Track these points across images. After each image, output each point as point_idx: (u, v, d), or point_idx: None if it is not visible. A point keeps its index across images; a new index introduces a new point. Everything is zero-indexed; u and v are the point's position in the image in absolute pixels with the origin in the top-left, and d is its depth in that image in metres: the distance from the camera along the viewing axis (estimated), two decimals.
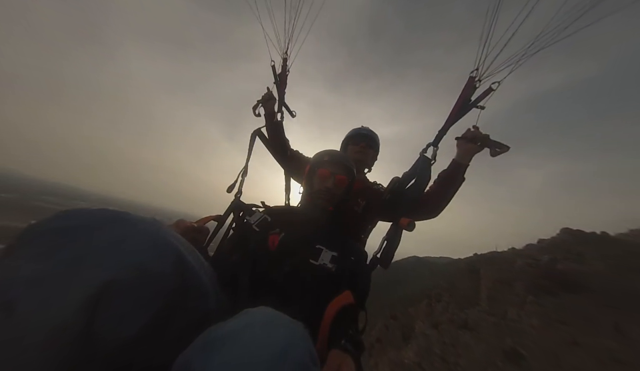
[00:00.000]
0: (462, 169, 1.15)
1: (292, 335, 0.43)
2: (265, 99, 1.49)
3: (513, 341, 3.79)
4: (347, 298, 0.82)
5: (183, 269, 0.50)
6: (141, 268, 0.43)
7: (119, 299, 0.40)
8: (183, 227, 0.84)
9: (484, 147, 1.08)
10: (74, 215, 0.45)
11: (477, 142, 1.08)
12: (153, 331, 0.44)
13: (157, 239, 0.48)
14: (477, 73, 1.09)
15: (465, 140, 1.12)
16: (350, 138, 1.62)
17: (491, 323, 4.52)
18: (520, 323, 4.29)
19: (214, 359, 0.37)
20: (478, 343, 4.08)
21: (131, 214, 0.50)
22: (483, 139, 1.07)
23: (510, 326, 4.29)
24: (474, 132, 1.11)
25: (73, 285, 0.38)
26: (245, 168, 1.39)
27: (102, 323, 0.38)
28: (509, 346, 3.71)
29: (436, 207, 1.27)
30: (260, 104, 1.50)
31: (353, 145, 1.58)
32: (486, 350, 3.83)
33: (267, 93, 1.50)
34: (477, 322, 4.65)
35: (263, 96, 1.49)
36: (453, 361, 3.93)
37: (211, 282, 0.60)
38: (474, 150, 1.10)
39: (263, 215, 1.07)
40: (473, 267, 8.12)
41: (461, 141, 1.13)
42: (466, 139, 1.11)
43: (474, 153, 1.12)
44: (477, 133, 1.10)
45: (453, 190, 1.19)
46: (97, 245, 0.42)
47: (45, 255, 0.40)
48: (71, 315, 0.36)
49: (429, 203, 1.28)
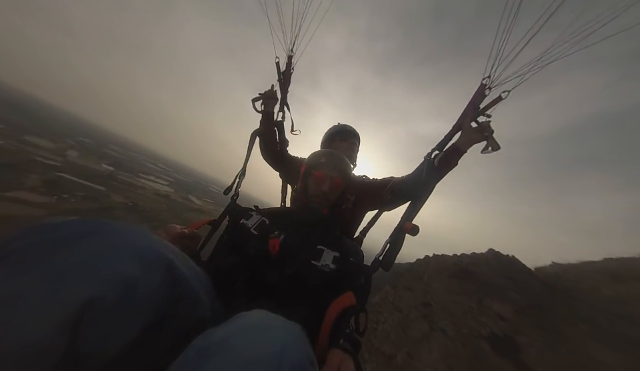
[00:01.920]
0: (460, 155, 1.15)
1: (288, 337, 0.43)
2: (267, 95, 1.44)
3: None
4: (349, 299, 0.82)
5: (174, 278, 0.48)
6: (126, 282, 0.41)
7: (103, 317, 0.38)
8: (173, 234, 0.83)
9: (485, 140, 1.10)
10: (51, 228, 0.42)
11: (484, 133, 1.09)
12: (143, 344, 0.42)
13: (143, 250, 0.46)
14: (489, 80, 1.09)
15: (473, 128, 1.13)
16: (336, 133, 1.63)
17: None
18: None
19: (209, 365, 0.37)
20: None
21: (115, 224, 0.47)
22: (490, 133, 1.09)
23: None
24: (487, 124, 1.11)
25: (52, 305, 0.35)
26: (242, 169, 1.35)
27: (86, 343, 0.36)
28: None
29: (429, 189, 1.27)
30: (262, 100, 1.45)
31: (342, 141, 1.60)
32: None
33: (270, 90, 1.45)
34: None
35: (266, 92, 1.44)
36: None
37: (205, 289, 0.59)
38: (477, 140, 1.11)
39: (260, 218, 1.06)
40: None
41: (470, 127, 1.13)
42: (475, 128, 1.12)
43: (474, 143, 1.12)
44: (488, 126, 1.10)
45: (445, 173, 1.21)
46: (78, 260, 0.39)
47: (21, 272, 0.37)
48: (50, 338, 0.34)
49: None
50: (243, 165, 1.36)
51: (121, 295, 0.40)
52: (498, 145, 1.08)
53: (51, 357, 0.34)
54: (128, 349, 0.40)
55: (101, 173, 54.03)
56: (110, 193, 43.96)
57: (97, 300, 0.37)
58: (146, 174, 78.11)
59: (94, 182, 44.60)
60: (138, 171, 76.62)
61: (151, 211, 43.63)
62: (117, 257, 0.42)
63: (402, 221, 1.11)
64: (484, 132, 1.09)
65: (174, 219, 42.51)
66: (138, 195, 50.52)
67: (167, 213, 46.28)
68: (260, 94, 1.45)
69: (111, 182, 50.69)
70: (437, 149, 1.21)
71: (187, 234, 0.87)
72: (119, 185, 51.15)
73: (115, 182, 51.86)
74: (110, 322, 0.39)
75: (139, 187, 57.39)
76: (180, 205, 58.75)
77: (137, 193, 51.99)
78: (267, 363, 0.37)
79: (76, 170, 46.53)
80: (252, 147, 1.42)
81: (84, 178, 44.15)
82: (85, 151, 69.01)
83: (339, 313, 0.79)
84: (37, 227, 0.42)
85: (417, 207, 1.13)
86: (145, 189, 58.41)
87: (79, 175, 44.09)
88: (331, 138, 1.64)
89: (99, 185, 44.87)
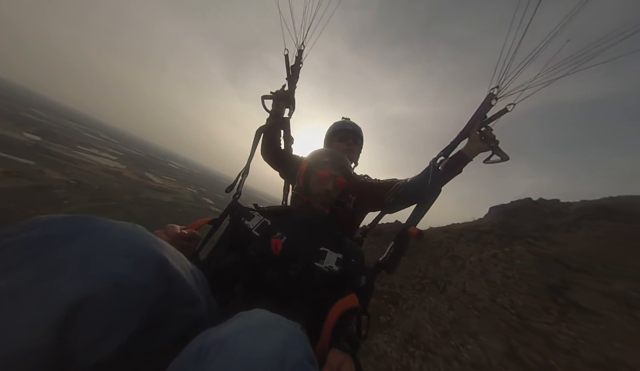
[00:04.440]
0: (466, 162, 1.17)
1: (289, 337, 0.43)
2: (279, 96, 1.42)
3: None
4: (352, 301, 0.82)
5: (168, 277, 0.47)
6: (117, 281, 0.39)
7: (93, 318, 0.37)
8: (172, 235, 0.82)
9: (491, 149, 1.11)
10: (39, 225, 0.41)
11: (490, 144, 1.11)
12: (137, 344, 0.41)
13: (135, 248, 0.45)
14: (497, 90, 1.09)
15: (480, 137, 1.14)
16: (335, 133, 1.62)
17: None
18: None
19: (209, 365, 0.37)
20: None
21: (106, 221, 0.46)
22: (496, 143, 1.11)
23: None
24: (491, 134, 1.13)
25: (38, 306, 0.34)
26: (246, 167, 1.28)
27: (76, 344, 0.35)
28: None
29: (434, 194, 1.28)
30: (273, 100, 1.43)
31: (340, 142, 1.59)
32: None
33: (281, 90, 1.44)
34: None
35: (278, 92, 1.42)
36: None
37: (202, 287, 0.59)
38: (483, 149, 1.13)
39: (262, 219, 1.04)
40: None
41: (477, 136, 1.15)
42: (481, 138, 1.13)
43: (480, 152, 1.15)
44: (493, 137, 1.12)
45: (449, 178, 1.22)
46: (67, 259, 0.38)
47: (8, 271, 0.36)
48: (36, 340, 0.33)
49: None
50: (247, 163, 1.29)
51: (112, 294, 0.39)
52: (506, 156, 1.08)
53: (40, 359, 0.33)
54: (121, 349, 0.39)
55: (24, 143, 43.81)
56: (42, 168, 36.01)
57: (87, 299, 0.37)
58: (86, 146, 66.27)
59: (16, 155, 36.01)
60: (75, 142, 64.47)
61: (101, 190, 37.33)
62: (109, 255, 0.41)
63: (406, 226, 1.11)
64: (490, 142, 1.12)
65: (130, 199, 37.69)
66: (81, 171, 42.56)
67: (122, 192, 40.15)
68: (272, 92, 1.43)
69: (41, 155, 41.57)
70: (443, 154, 1.23)
71: (186, 235, 0.86)
72: (53, 158, 42.26)
73: (46, 155, 42.70)
74: (101, 322, 0.38)
75: (79, 161, 48.38)
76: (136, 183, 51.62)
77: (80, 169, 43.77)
78: (269, 363, 0.37)
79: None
80: (257, 144, 1.38)
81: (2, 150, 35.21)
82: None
83: (341, 315, 0.77)
84: (25, 224, 0.42)
85: (422, 212, 1.14)
86: (89, 164, 49.55)
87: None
88: (330, 139, 1.64)
89: (25, 158, 36.40)
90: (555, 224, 5.27)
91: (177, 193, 57.23)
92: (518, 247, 4.65)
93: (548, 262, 4.23)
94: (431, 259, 5.21)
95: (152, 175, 68.85)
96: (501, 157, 1.08)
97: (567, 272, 3.95)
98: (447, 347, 3.12)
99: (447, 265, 5.01)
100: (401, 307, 4.21)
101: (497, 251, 4.68)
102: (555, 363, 2.67)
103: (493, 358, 2.87)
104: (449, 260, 5.03)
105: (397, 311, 4.12)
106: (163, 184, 62.06)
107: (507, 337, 3.03)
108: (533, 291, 3.72)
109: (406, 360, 2.99)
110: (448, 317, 3.64)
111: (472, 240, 5.29)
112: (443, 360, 2.93)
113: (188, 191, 66.75)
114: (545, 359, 2.72)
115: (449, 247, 5.40)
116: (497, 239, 5.04)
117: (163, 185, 61.35)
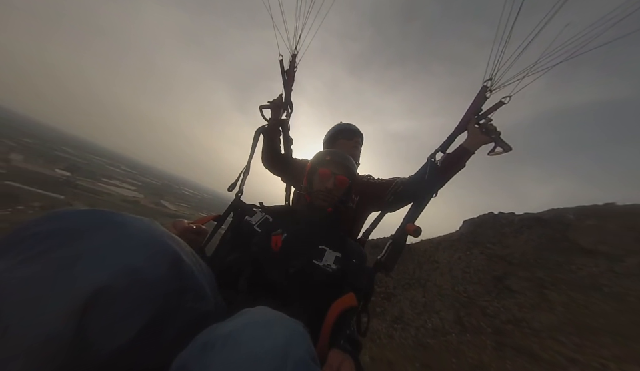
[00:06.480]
0: (468, 156, 1.15)
1: (292, 334, 0.43)
2: (275, 104, 1.47)
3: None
4: (350, 300, 0.82)
5: (180, 271, 0.49)
6: (134, 273, 0.42)
7: (110, 307, 0.39)
8: (180, 228, 0.84)
9: (493, 141, 1.10)
10: (62, 217, 0.44)
11: (491, 135, 1.09)
12: (149, 335, 0.43)
13: (151, 241, 0.47)
14: (491, 82, 1.08)
15: (480, 130, 1.12)
16: (341, 132, 1.61)
17: None
18: None
19: (215, 359, 0.38)
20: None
21: (124, 215, 0.49)
22: (497, 134, 1.09)
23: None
24: (492, 125, 1.12)
25: (61, 293, 0.36)
26: (247, 166, 1.34)
27: (93, 332, 0.37)
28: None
29: (432, 190, 1.26)
30: (270, 108, 1.48)
31: (346, 140, 1.58)
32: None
33: (278, 98, 1.48)
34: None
35: (274, 101, 1.47)
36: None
37: (209, 283, 0.60)
38: (484, 141, 1.11)
39: (264, 216, 1.07)
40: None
41: (476, 129, 1.13)
42: (482, 130, 1.12)
43: (482, 144, 1.13)
44: (493, 127, 1.11)
45: (453, 174, 1.20)
46: (86, 250, 0.40)
47: (31, 261, 0.38)
48: (57, 326, 0.34)
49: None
50: (247, 163, 1.35)
51: (128, 285, 0.41)
52: (509, 146, 1.07)
53: (60, 344, 0.35)
54: (135, 338, 0.41)
55: (56, 179, 48.06)
56: (70, 201, 39.33)
57: (105, 289, 0.38)
58: (109, 178, 71.07)
59: (49, 190, 39.51)
60: (99, 175, 69.36)
61: None
62: (126, 248, 0.44)
63: (404, 223, 1.13)
64: (491, 134, 1.10)
65: None
66: (103, 201, 45.85)
67: None
68: (269, 102, 1.49)
69: (70, 189, 45.30)
70: (440, 150, 1.22)
71: (194, 229, 0.89)
72: (79, 192, 45.89)
73: (74, 189, 46.41)
74: (117, 311, 0.39)
75: (103, 193, 52.08)
76: (152, 211, 54.51)
77: (102, 199, 47.18)
78: (272, 358, 0.38)
79: (26, 177, 40.77)
80: (256, 143, 1.41)
81: (37, 186, 38.87)
82: (31, 154, 60.54)
83: (340, 314, 0.79)
84: (46, 216, 0.44)
85: (419, 209, 1.16)
86: (111, 195, 53.18)
87: (30, 183, 38.72)
88: (334, 137, 1.63)
89: (56, 192, 39.87)
90: (507, 232, 6.65)
91: (191, 219, 58.92)
92: (476, 250, 6.04)
93: (496, 260, 5.63)
94: (417, 264, 6.53)
95: (167, 202, 72.12)
96: (504, 148, 1.06)
97: (508, 267, 5.36)
98: (418, 321, 4.45)
99: (428, 268, 6.31)
100: (392, 301, 5.53)
101: (461, 254, 6.10)
102: (484, 324, 4.01)
103: (446, 324, 4.22)
104: (430, 264, 6.34)
105: (389, 304, 5.43)
106: (177, 210, 64.76)
107: (457, 312, 4.36)
108: (481, 281, 5.12)
109: (391, 331, 4.32)
110: (421, 302, 4.96)
111: (447, 247, 6.64)
112: (414, 329, 4.26)
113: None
114: (477, 322, 4.07)
115: (431, 254, 6.72)
116: (464, 245, 6.37)
117: (177, 211, 64.03)
